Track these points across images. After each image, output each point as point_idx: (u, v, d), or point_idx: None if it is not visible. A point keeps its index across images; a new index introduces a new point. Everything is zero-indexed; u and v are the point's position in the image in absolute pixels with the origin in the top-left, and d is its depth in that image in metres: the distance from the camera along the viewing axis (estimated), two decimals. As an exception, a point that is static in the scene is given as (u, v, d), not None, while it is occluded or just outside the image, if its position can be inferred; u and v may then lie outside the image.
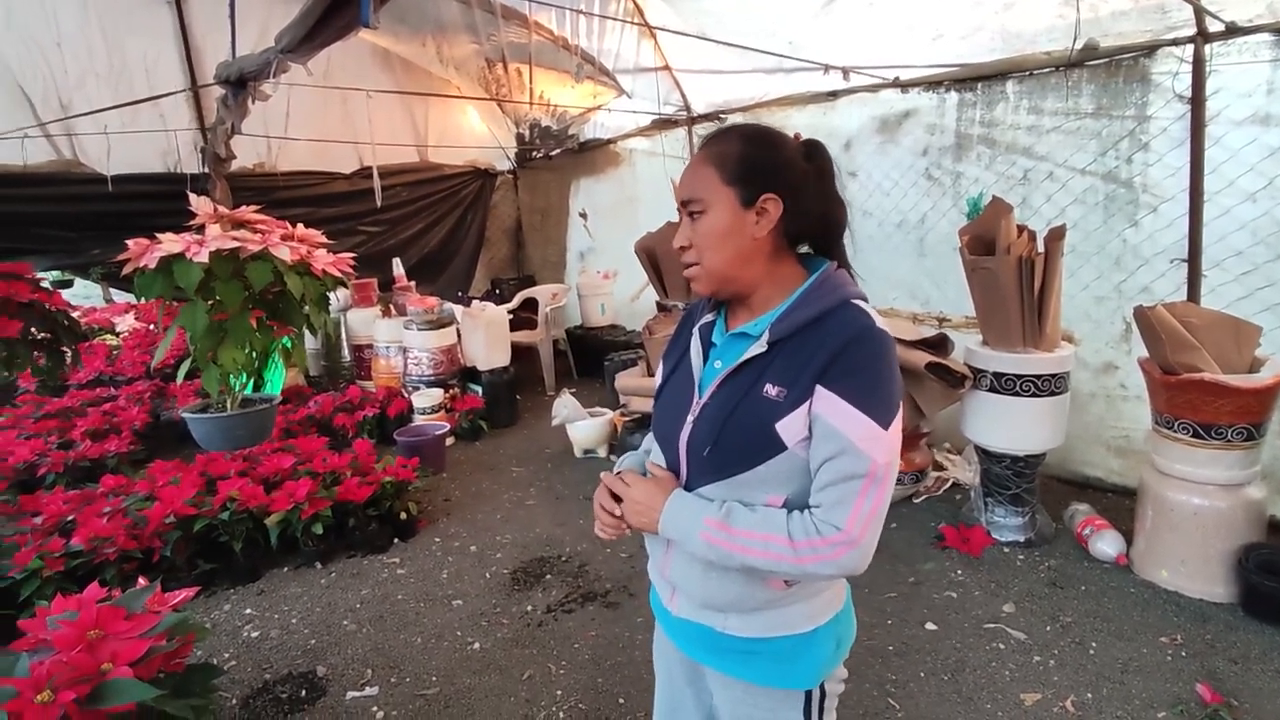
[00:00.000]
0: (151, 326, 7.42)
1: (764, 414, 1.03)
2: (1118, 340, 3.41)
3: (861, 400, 0.98)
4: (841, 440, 0.98)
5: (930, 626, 2.59)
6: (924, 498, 3.64)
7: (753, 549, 1.01)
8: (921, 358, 3.17)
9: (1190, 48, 2.97)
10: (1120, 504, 3.36)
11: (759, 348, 1.06)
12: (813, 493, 1.02)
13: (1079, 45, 3.20)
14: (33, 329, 3.13)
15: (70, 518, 3.13)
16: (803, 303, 1.07)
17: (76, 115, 4.72)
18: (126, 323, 7.99)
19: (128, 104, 4.45)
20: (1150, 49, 3.09)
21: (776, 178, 1.06)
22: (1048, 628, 2.54)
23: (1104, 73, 3.27)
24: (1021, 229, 2.90)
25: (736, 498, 1.06)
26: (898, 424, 1.02)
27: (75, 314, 3.56)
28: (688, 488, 1.12)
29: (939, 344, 3.33)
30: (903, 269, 4.26)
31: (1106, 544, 2.94)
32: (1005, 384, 3.00)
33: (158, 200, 5.07)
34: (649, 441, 1.29)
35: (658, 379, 1.28)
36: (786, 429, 1.02)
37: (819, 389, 1.00)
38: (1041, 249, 2.87)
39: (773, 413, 1.02)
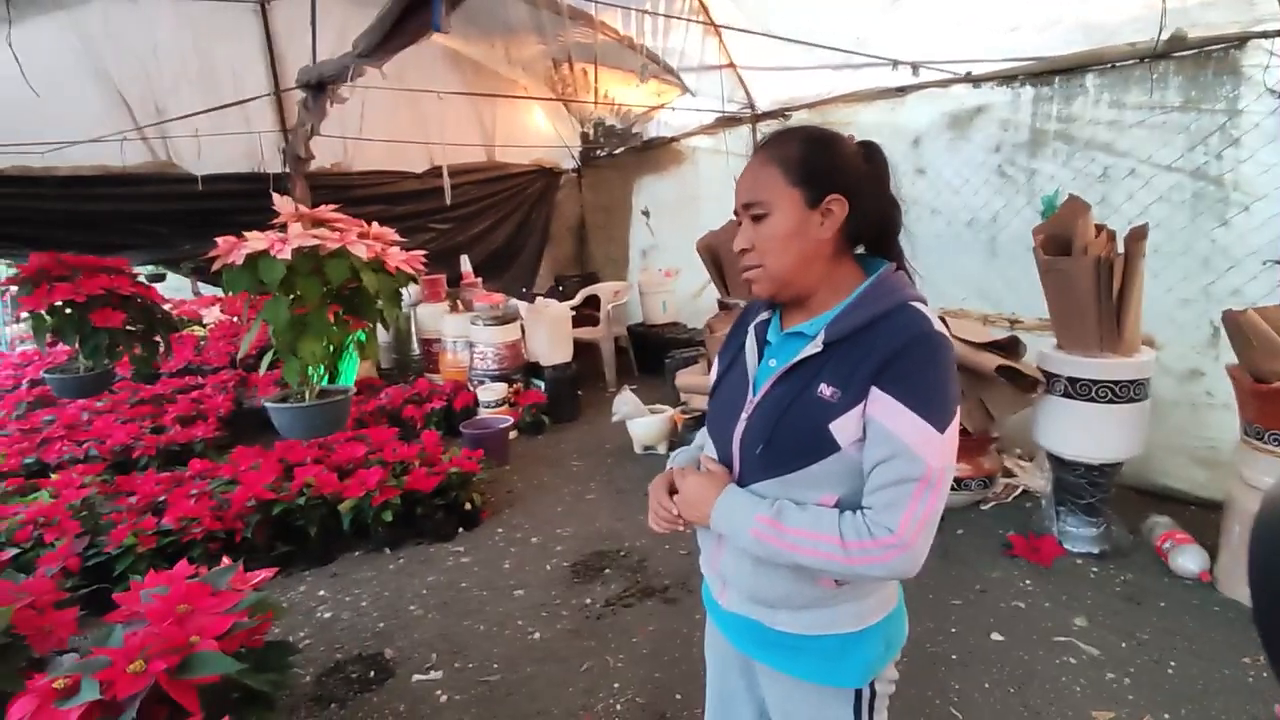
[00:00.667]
0: (236, 319, 7.81)
1: (817, 414, 1.03)
2: (1204, 345, 3.24)
3: (917, 403, 0.98)
4: (895, 443, 0.98)
5: (996, 636, 2.53)
6: (992, 504, 3.54)
7: (803, 547, 1.02)
8: (991, 360, 3.08)
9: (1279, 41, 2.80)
10: (1204, 518, 3.19)
11: (814, 348, 1.06)
12: (865, 494, 1.02)
13: (1165, 36, 3.05)
14: (131, 320, 3.35)
15: (161, 498, 3.33)
16: (860, 304, 1.06)
17: (170, 120, 5.00)
18: (213, 315, 8.42)
19: (216, 108, 4.69)
20: (1240, 40, 2.93)
21: (840, 178, 1.06)
22: (1123, 644, 2.45)
23: (1192, 64, 3.11)
24: (1100, 228, 2.79)
25: (789, 496, 1.06)
26: (954, 428, 1.01)
27: (167, 306, 3.79)
28: (741, 485, 1.13)
29: (1010, 346, 3.23)
30: (973, 269, 4.14)
31: (1188, 559, 2.80)
32: (1080, 389, 2.89)
33: (243, 198, 5.32)
34: (701, 437, 1.30)
35: (712, 376, 1.29)
36: (840, 430, 1.02)
37: (874, 391, 1.00)
38: (1121, 249, 2.76)
39: (826, 413, 1.03)
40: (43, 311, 3.15)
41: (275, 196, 2.55)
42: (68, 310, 3.18)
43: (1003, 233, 3.98)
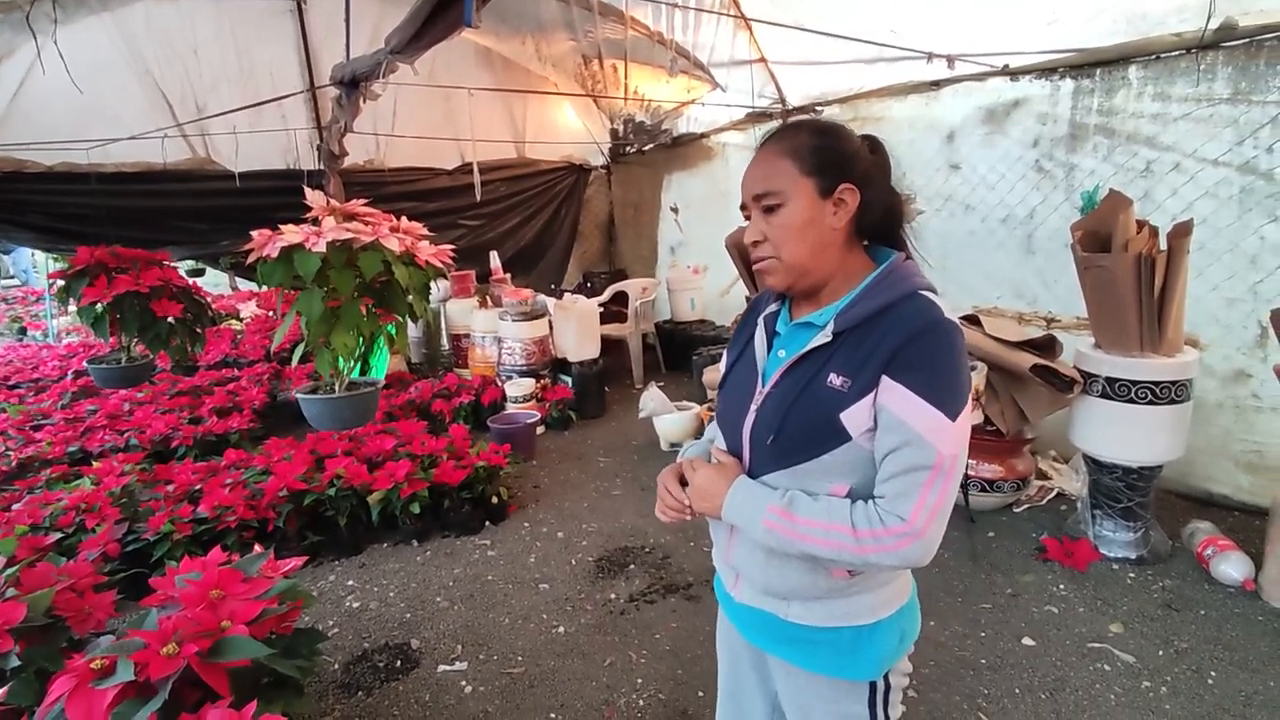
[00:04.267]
0: (271, 313, 7.96)
1: (827, 404, 1.04)
2: (1251, 346, 3.14)
3: (929, 391, 0.99)
4: (907, 431, 0.99)
5: (1028, 641, 2.47)
6: (1025, 507, 3.46)
7: (814, 537, 1.02)
8: (1026, 359, 3.02)
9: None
10: (1249, 524, 3.10)
11: (823, 337, 1.07)
12: (877, 483, 1.03)
13: (1214, 25, 2.95)
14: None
15: (198, 487, 3.41)
16: (870, 293, 1.07)
17: (210, 116, 5.11)
18: (249, 309, 8.60)
19: (253, 105, 4.78)
20: (1296, 28, 2.82)
21: (851, 168, 1.07)
22: (1160, 652, 2.38)
23: (1243, 54, 3.00)
24: (1142, 224, 2.71)
25: (800, 487, 1.07)
26: (965, 416, 1.01)
27: (207, 300, 3.89)
28: (752, 476, 1.13)
29: (1046, 345, 3.16)
30: (1008, 266, 4.06)
31: (1231, 566, 2.71)
32: (1119, 390, 2.82)
33: (279, 195, 5.41)
34: (713, 429, 1.31)
35: (721, 367, 1.30)
36: (851, 419, 1.02)
37: (885, 379, 1.01)
38: (1164, 246, 2.68)
39: (837, 403, 1.03)
40: (100, 303, 3.23)
41: (307, 191, 2.58)
42: (128, 302, 3.27)
43: (1039, 229, 3.89)
